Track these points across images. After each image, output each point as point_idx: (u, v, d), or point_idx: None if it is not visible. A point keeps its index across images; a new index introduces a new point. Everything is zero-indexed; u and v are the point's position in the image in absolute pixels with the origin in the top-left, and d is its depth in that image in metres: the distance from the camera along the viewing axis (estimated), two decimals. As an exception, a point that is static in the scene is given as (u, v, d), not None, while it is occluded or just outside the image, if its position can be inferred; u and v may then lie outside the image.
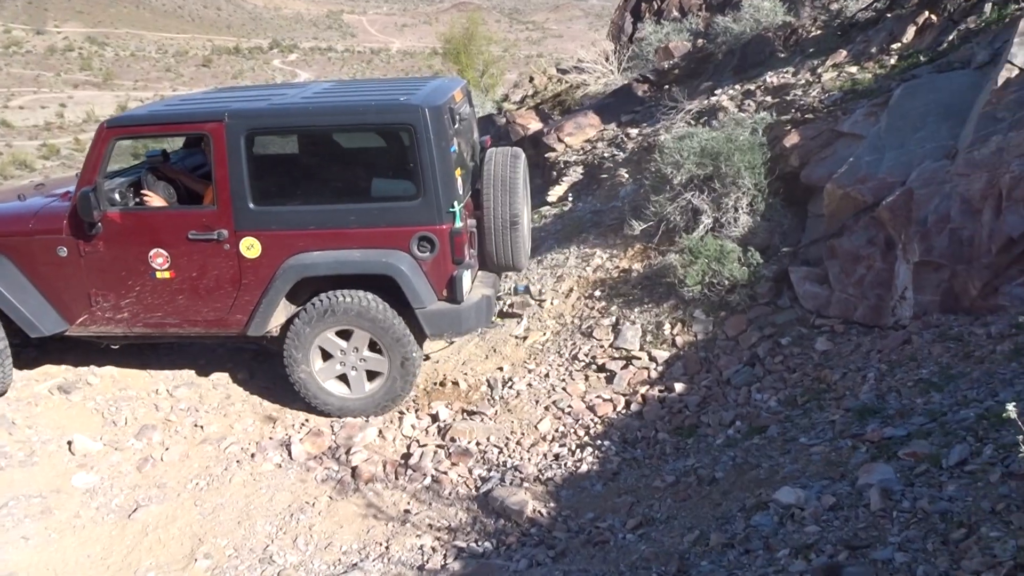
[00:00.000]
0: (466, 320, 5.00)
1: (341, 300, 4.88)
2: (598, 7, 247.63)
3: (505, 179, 5.23)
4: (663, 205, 6.19)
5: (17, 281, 5.03)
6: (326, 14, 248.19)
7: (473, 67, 19.79)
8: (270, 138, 5.11)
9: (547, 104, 10.78)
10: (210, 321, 5.07)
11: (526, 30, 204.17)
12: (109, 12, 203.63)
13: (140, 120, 5.23)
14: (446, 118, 4.81)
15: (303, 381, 5.07)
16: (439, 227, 4.77)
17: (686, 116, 7.64)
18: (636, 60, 10.65)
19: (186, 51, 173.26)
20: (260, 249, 4.87)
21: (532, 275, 6.85)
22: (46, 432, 4.77)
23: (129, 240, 4.96)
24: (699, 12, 11.54)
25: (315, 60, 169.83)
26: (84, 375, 5.40)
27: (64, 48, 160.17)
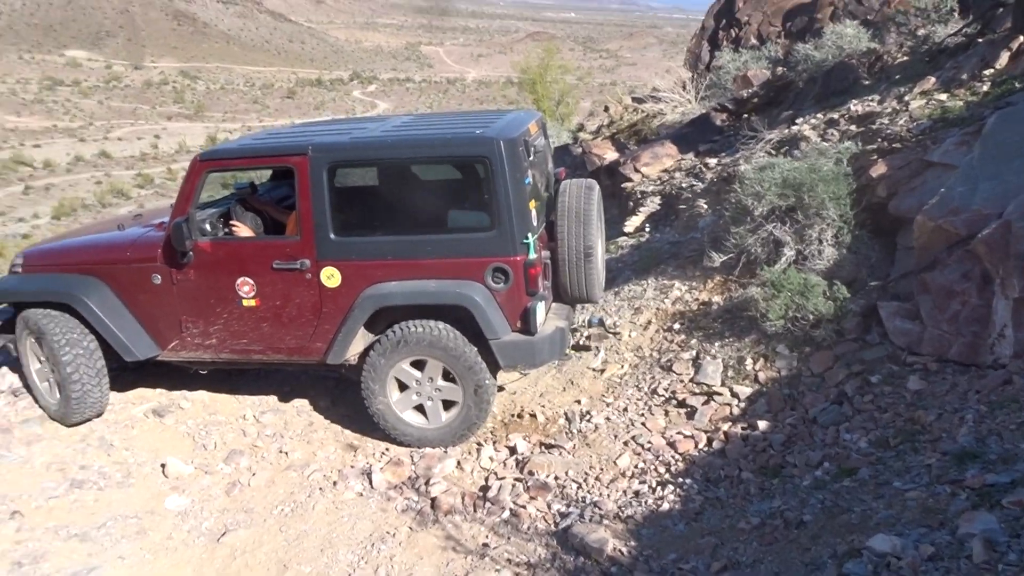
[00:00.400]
0: (540, 352, 5.00)
1: (413, 330, 4.95)
2: (672, 35, 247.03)
3: (579, 211, 5.24)
4: (744, 237, 6.08)
5: (115, 307, 5.27)
6: (405, 46, 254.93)
7: (549, 96, 19.94)
8: (351, 170, 5.24)
9: (623, 134, 10.77)
10: (292, 348, 5.20)
11: (600, 58, 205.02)
12: (202, 48, 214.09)
13: (231, 153, 5.45)
14: (521, 150, 4.86)
15: (381, 412, 5.15)
16: (513, 258, 4.80)
17: (766, 146, 7.51)
18: (714, 89, 10.55)
19: (272, 83, 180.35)
20: (340, 279, 4.98)
21: (609, 307, 6.81)
22: (142, 454, 4.98)
23: (218, 269, 5.14)
24: (778, 40, 11.38)
25: (393, 90, 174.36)
26: (177, 399, 5.62)
27: (159, 82, 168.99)
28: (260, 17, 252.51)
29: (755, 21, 12.19)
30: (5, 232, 59.25)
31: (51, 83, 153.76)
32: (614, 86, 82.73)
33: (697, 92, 10.74)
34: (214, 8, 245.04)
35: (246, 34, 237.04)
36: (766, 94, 8.91)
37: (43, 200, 79.09)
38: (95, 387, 5.21)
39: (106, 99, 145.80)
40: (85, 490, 4.65)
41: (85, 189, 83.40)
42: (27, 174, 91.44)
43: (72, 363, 5.11)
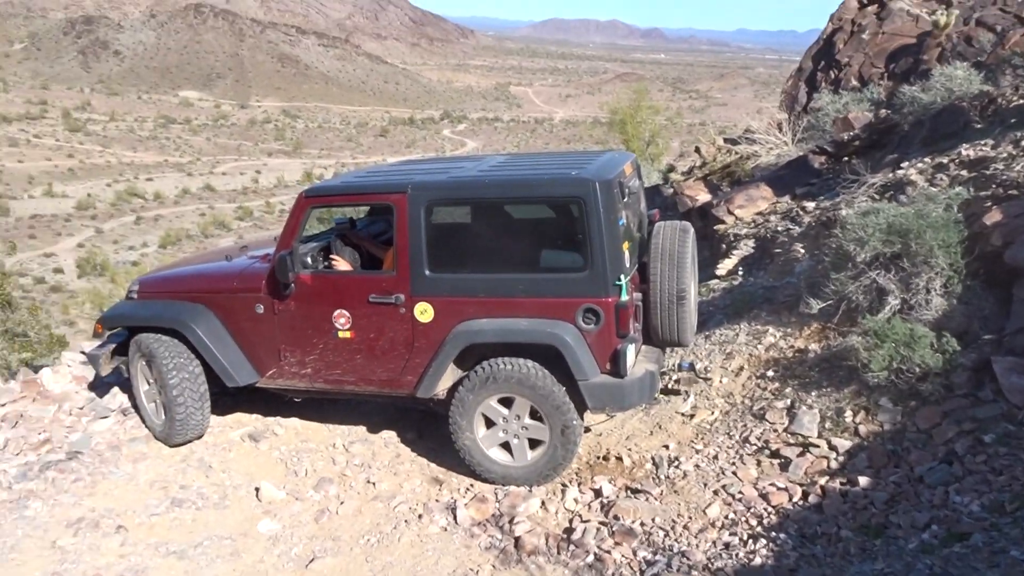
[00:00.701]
0: (629, 394, 4.93)
1: (502, 367, 4.96)
2: (764, 75, 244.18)
3: (673, 253, 5.17)
4: (844, 283, 5.87)
5: (220, 334, 5.50)
6: (494, 86, 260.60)
7: (639, 136, 19.94)
8: (448, 208, 5.33)
9: (716, 175, 10.63)
10: (383, 381, 5.29)
11: (689, 99, 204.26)
12: (303, 88, 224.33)
13: (334, 190, 5.64)
14: (615, 192, 4.85)
15: (467, 448, 5.16)
16: (605, 300, 4.77)
17: (869, 190, 7.26)
18: (811, 131, 10.31)
19: (366, 122, 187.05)
20: (433, 314, 5.05)
21: (699, 351, 6.67)
22: (237, 477, 5.14)
23: (317, 300, 5.30)
24: (880, 82, 11.07)
25: (482, 130, 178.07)
26: (271, 425, 5.79)
27: (263, 120, 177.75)
28: (358, 59, 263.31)
29: (856, 63, 11.91)
30: (117, 259, 62.97)
31: (165, 121, 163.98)
32: (703, 127, 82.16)
33: (794, 134, 10.52)
34: (316, 51, 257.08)
35: (344, 75, 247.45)
36: (868, 137, 8.64)
37: (152, 230, 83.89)
38: (197, 410, 5.43)
39: (213, 136, 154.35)
40: (184, 509, 4.82)
41: (190, 220, 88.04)
42: (139, 205, 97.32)
43: (178, 386, 5.35)
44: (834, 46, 12.84)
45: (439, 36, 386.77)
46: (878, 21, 12.48)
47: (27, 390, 6.32)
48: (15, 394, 6.25)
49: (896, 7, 12.45)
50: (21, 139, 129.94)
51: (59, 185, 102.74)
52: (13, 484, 5.12)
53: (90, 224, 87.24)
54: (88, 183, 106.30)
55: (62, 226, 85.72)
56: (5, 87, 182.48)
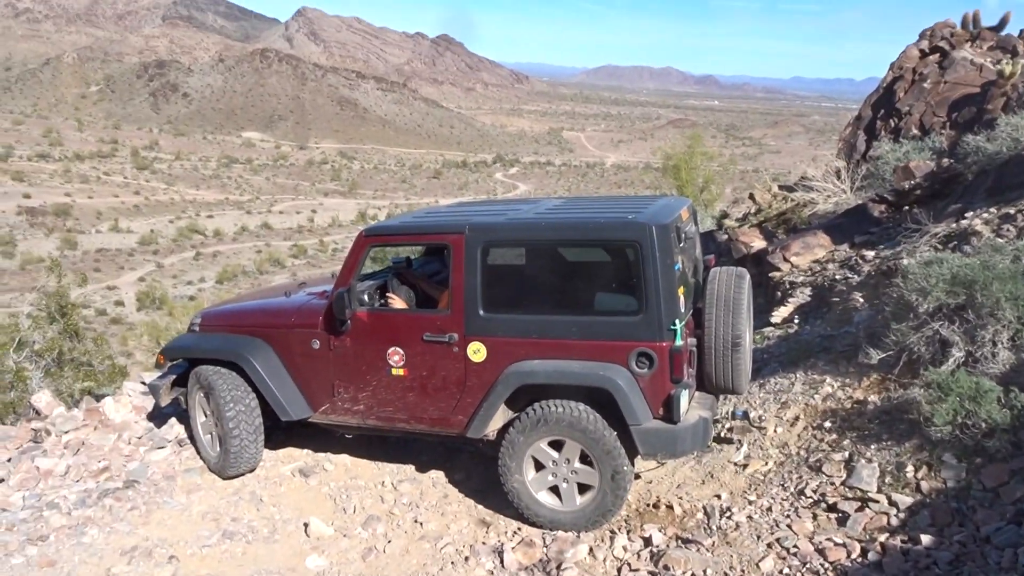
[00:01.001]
0: (681, 441, 4.85)
1: (553, 410, 4.93)
2: (820, 123, 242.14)
3: (728, 299, 5.11)
4: (905, 334, 5.72)
5: (276, 368, 5.60)
6: (547, 131, 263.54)
7: (692, 182, 19.92)
8: (504, 250, 5.36)
9: (771, 222, 10.52)
10: (434, 419, 5.30)
11: (742, 146, 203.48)
12: (360, 131, 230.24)
13: (393, 229, 5.75)
14: (672, 236, 4.83)
15: (516, 490, 5.12)
16: (659, 344, 4.73)
17: (931, 240, 7.11)
18: (871, 179, 10.15)
19: (420, 164, 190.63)
20: (485, 354, 5.06)
21: (753, 399, 6.54)
22: (287, 512, 5.18)
23: (372, 338, 5.37)
24: (942, 131, 10.88)
25: (534, 173, 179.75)
26: (322, 461, 5.84)
27: (320, 161, 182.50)
28: (415, 103, 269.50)
29: (917, 111, 11.75)
30: (175, 293, 64.71)
31: (227, 161, 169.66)
32: (756, 173, 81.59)
33: (852, 182, 10.37)
34: (374, 95, 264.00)
35: (400, 118, 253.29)
36: (930, 186, 8.48)
37: (210, 266, 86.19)
38: (251, 443, 5.51)
39: (273, 176, 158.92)
40: (235, 541, 4.88)
41: (247, 257, 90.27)
42: (199, 241, 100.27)
43: (234, 419, 5.45)
44: (894, 94, 12.70)
45: (494, 81, 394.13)
46: (940, 70, 12.32)
47: (89, 418, 6.50)
48: (78, 422, 6.44)
49: (959, 56, 12.29)
50: (92, 176, 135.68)
51: (125, 221, 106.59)
52: (72, 510, 5.25)
53: (152, 259, 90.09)
54: (152, 219, 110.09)
55: (125, 260, 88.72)
56: (80, 126, 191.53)
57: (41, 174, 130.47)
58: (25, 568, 4.64)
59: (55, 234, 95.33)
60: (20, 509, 5.30)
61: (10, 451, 6.15)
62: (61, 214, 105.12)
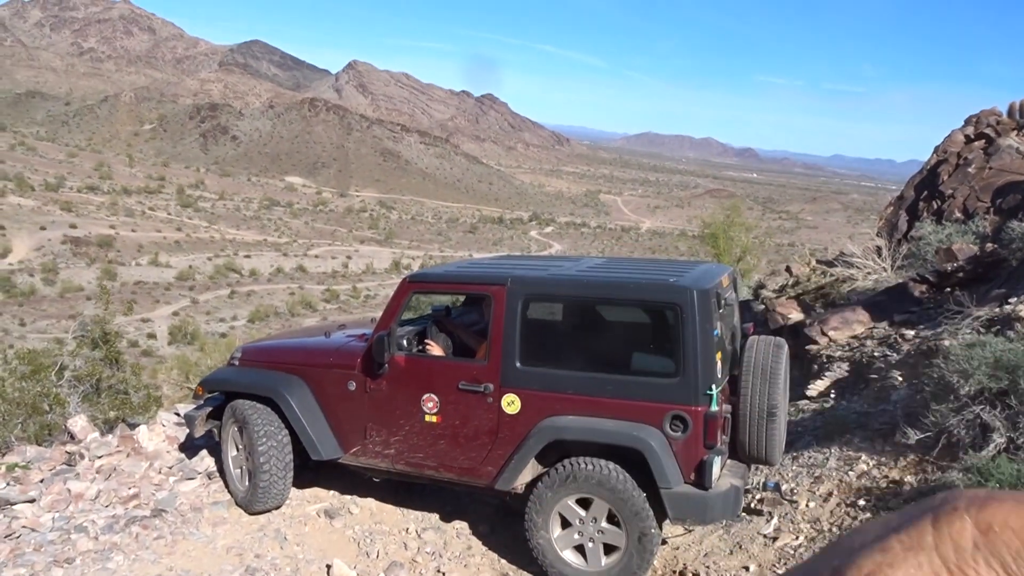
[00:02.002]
0: (712, 508, 4.78)
1: (583, 467, 4.89)
2: (858, 201, 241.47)
3: (766, 368, 5.08)
4: (945, 416, 5.62)
5: (311, 407, 5.65)
6: (584, 192, 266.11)
7: (730, 251, 19.95)
8: (545, 304, 5.40)
9: (809, 295, 10.48)
10: (463, 469, 5.29)
11: (779, 219, 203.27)
12: (400, 182, 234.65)
13: (436, 277, 5.84)
14: (712, 301, 4.84)
15: (541, 547, 5.06)
16: (694, 408, 4.70)
17: (974, 322, 7.02)
18: (911, 259, 10.11)
19: (457, 218, 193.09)
20: (519, 406, 5.07)
21: (786, 472, 6.43)
22: (310, 552, 5.17)
23: (408, 383, 5.40)
24: (986, 215, 10.83)
25: (568, 234, 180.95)
26: (347, 503, 5.84)
27: (359, 209, 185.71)
28: (456, 159, 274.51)
29: (960, 195, 11.72)
30: (208, 329, 65.58)
31: (269, 203, 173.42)
32: (792, 247, 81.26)
33: (893, 260, 10.33)
34: (417, 148, 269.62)
35: (441, 172, 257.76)
36: (973, 269, 8.42)
37: (243, 304, 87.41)
38: (280, 479, 5.54)
39: (311, 220, 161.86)
40: (257, 578, 4.87)
41: (279, 298, 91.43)
42: (235, 280, 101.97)
43: (266, 453, 5.49)
44: (938, 177, 12.70)
45: (535, 142, 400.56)
46: (985, 156, 12.33)
47: (123, 445, 6.60)
48: (111, 448, 6.54)
49: (1004, 144, 12.30)
50: (137, 210, 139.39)
51: (164, 255, 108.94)
52: (100, 535, 5.30)
53: (187, 294, 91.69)
54: (191, 256, 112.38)
55: (161, 294, 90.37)
56: (131, 162, 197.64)
57: (89, 205, 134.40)
58: (50, 589, 4.67)
59: (96, 264, 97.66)
60: (49, 530, 5.36)
61: (44, 472, 6.24)
62: (104, 245, 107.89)
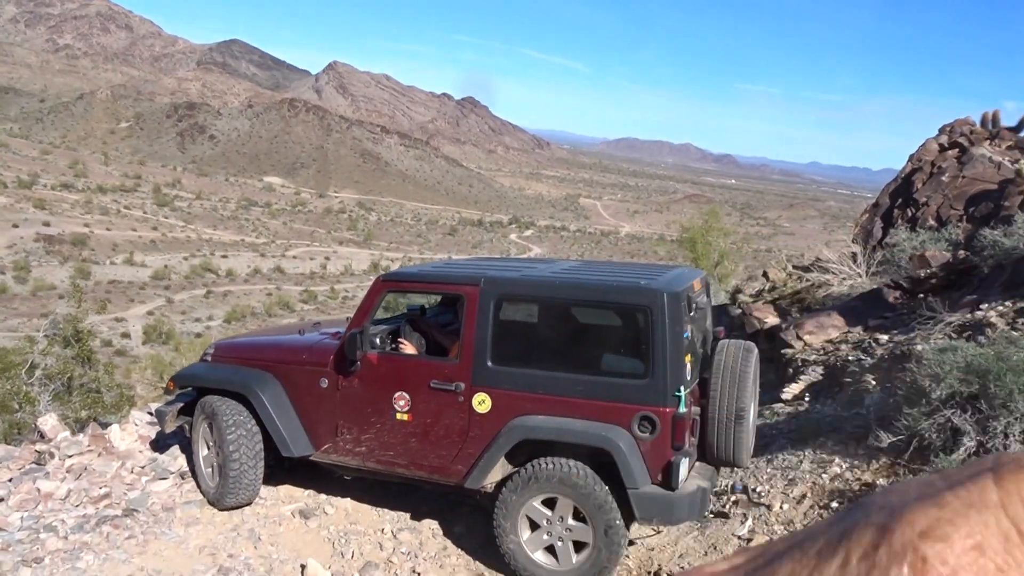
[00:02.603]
0: (678, 509, 4.82)
1: (544, 467, 4.92)
2: (835, 208, 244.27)
3: (735, 372, 5.13)
4: (917, 419, 5.69)
5: (282, 404, 5.63)
6: (564, 196, 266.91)
7: (707, 256, 20.10)
8: (517, 305, 5.41)
9: (785, 300, 10.57)
10: (433, 467, 5.29)
11: (756, 225, 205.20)
12: (380, 183, 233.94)
13: (410, 277, 5.83)
14: (682, 305, 4.88)
15: (512, 552, 5.07)
16: (663, 409, 4.74)
17: (946, 328, 7.13)
18: (886, 265, 10.23)
19: (437, 220, 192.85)
20: (490, 405, 5.08)
21: (760, 475, 6.48)
22: (284, 552, 5.13)
23: (380, 380, 5.40)
24: (959, 223, 11.00)
25: (548, 237, 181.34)
26: (322, 503, 5.80)
27: (338, 210, 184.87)
28: (436, 161, 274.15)
29: (934, 203, 11.89)
30: (183, 329, 64.88)
31: (247, 203, 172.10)
32: (769, 253, 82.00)
33: (868, 267, 10.45)
34: (397, 150, 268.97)
35: (421, 174, 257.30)
36: (946, 276, 8.54)
37: (219, 304, 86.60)
38: (251, 468, 5.51)
39: (290, 221, 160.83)
40: (230, 578, 4.82)
41: (256, 299, 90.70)
42: (211, 280, 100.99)
43: (235, 442, 5.46)
44: (912, 185, 12.88)
45: (516, 145, 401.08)
46: (959, 165, 12.52)
47: (94, 444, 6.50)
48: (82, 447, 6.44)
49: (978, 153, 12.50)
50: (112, 209, 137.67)
51: (140, 255, 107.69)
52: (70, 535, 5.22)
53: (163, 294, 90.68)
54: (167, 255, 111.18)
55: (136, 293, 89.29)
56: (106, 160, 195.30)
57: (63, 203, 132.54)
58: (17, 589, 4.59)
59: (70, 263, 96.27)
60: (17, 530, 5.27)
61: (12, 471, 6.13)
62: (78, 244, 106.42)
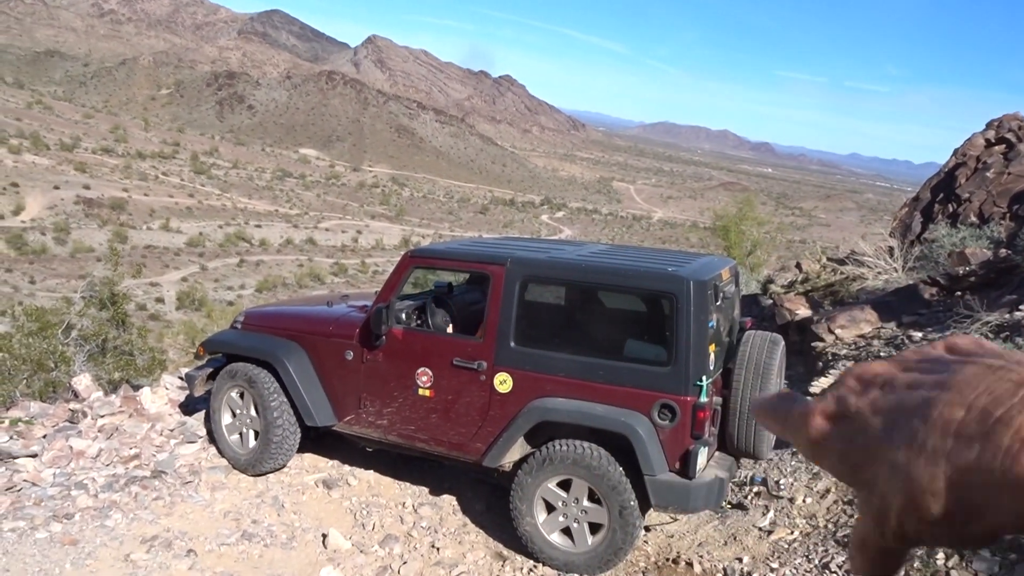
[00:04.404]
0: (695, 497, 4.80)
1: (559, 449, 4.93)
2: (873, 201, 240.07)
3: (760, 363, 5.08)
4: (948, 419, 5.58)
5: (308, 373, 5.69)
6: (598, 179, 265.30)
7: (740, 244, 19.86)
8: (542, 286, 5.36)
9: (818, 292, 10.41)
10: (453, 444, 5.31)
11: (792, 215, 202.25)
12: (414, 159, 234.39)
13: (437, 254, 5.84)
14: (709, 293, 4.82)
15: (528, 534, 5.09)
16: (683, 398, 4.70)
17: (983, 328, 6.97)
18: (923, 261, 10.03)
19: (469, 198, 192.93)
20: (511, 385, 5.08)
21: (784, 467, 6.42)
22: (307, 521, 5.20)
23: (404, 355, 5.43)
24: (1002, 221, 10.73)
25: (579, 219, 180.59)
26: (346, 475, 5.87)
27: (371, 184, 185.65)
28: (471, 139, 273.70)
29: (977, 199, 11.61)
30: (215, 296, 65.88)
31: (282, 174, 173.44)
32: (804, 244, 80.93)
33: (905, 262, 10.25)
34: (432, 126, 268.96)
35: (455, 152, 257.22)
36: (986, 274, 8.34)
37: (252, 273, 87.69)
38: (292, 435, 5.64)
39: (323, 193, 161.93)
40: (253, 543, 4.91)
41: (288, 269, 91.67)
42: (244, 249, 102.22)
43: (278, 408, 5.56)
44: (955, 180, 12.58)
45: (551, 126, 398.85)
46: (1005, 161, 12.20)
47: (126, 405, 6.63)
48: (114, 407, 6.57)
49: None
50: (151, 175, 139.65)
51: (176, 221, 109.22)
52: (99, 493, 5.34)
53: (197, 260, 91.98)
54: (202, 223, 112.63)
55: (171, 259, 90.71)
56: (147, 126, 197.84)
57: (103, 167, 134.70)
58: (47, 543, 4.72)
59: (108, 226, 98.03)
60: (49, 485, 5.40)
61: (46, 428, 6.28)
62: (116, 208, 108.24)
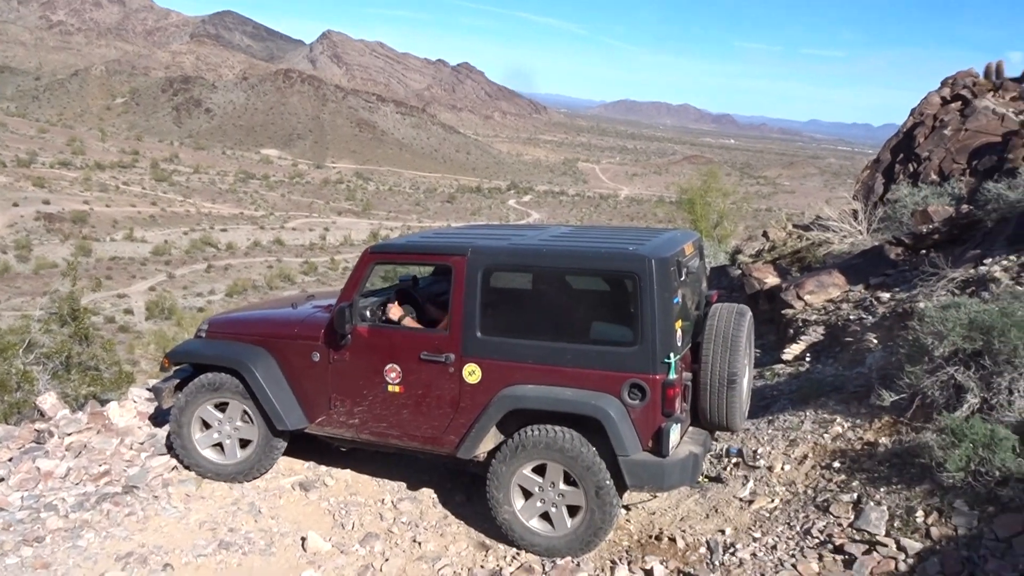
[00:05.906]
0: (669, 475, 4.81)
1: (531, 434, 4.92)
2: (835, 166, 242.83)
3: (727, 336, 5.08)
4: (920, 377, 5.63)
5: (276, 378, 5.59)
6: (563, 161, 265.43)
7: (706, 217, 19.94)
8: (505, 274, 5.29)
9: (785, 259, 10.48)
10: (426, 438, 5.27)
11: (756, 184, 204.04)
12: (377, 152, 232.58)
13: (398, 248, 5.76)
14: (672, 270, 4.81)
15: (508, 522, 5.07)
16: (652, 376, 4.70)
17: (948, 284, 7.04)
18: (887, 222, 10.11)
19: (435, 188, 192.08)
20: (480, 376, 5.05)
21: (761, 436, 6.45)
22: (285, 525, 5.12)
23: (371, 353, 5.36)
24: (961, 177, 10.85)
25: (547, 202, 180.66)
26: (323, 475, 5.79)
27: (336, 181, 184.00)
28: (433, 128, 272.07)
29: (936, 157, 11.73)
30: (185, 304, 64.98)
31: (245, 176, 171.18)
32: (770, 212, 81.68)
33: (869, 224, 10.33)
34: (393, 118, 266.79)
35: (418, 143, 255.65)
36: (949, 231, 8.43)
37: (221, 278, 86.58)
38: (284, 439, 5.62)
39: (288, 193, 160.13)
40: (231, 552, 4.82)
41: (257, 272, 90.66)
42: (212, 254, 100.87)
43: None
44: (914, 140, 12.70)
45: (512, 111, 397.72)
46: (961, 118, 12.33)
47: (93, 422, 6.48)
48: (81, 425, 6.41)
49: (981, 105, 12.30)
50: (111, 185, 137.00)
51: (140, 230, 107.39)
52: (70, 513, 5.21)
53: (164, 269, 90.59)
54: (167, 230, 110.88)
55: (137, 269, 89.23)
56: (104, 137, 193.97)
57: (62, 181, 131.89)
58: (19, 569, 4.59)
59: (70, 240, 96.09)
60: (18, 509, 5.26)
61: (12, 451, 6.12)
62: (78, 221, 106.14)
